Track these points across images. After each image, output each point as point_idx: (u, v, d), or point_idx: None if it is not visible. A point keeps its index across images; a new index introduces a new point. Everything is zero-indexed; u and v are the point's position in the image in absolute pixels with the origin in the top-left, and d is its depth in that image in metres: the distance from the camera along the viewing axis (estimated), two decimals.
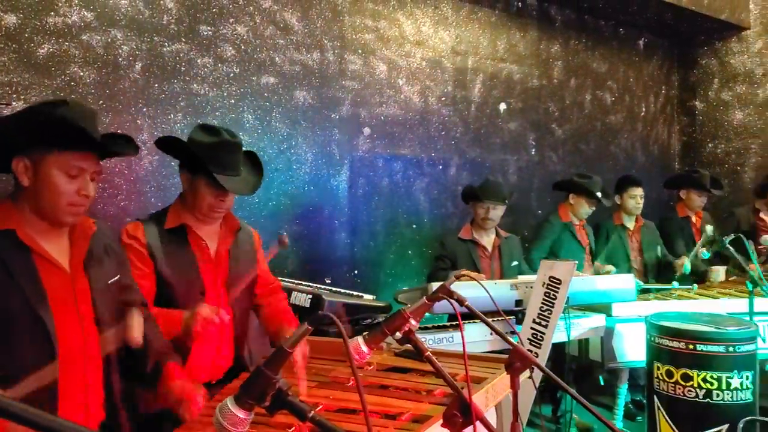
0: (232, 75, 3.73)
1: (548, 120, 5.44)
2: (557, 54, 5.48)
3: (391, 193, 4.48)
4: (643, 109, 6.26)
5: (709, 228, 4.27)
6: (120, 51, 3.29)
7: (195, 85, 3.59)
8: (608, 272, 3.89)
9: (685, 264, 3.97)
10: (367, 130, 4.34)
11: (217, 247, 2.20)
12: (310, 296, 2.66)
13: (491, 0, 5.01)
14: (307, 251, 4.06)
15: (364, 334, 1.49)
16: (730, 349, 2.47)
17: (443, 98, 4.74)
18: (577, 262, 2.68)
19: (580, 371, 3.83)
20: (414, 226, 4.60)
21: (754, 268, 3.02)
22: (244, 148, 2.20)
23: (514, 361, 1.67)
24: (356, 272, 4.28)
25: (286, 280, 3.53)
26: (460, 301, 1.77)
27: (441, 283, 2.74)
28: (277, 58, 3.90)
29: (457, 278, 1.77)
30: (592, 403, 4.19)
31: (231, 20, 3.70)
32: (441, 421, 1.36)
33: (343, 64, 4.19)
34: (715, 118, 6.36)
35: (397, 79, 4.48)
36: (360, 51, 4.26)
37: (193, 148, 2.03)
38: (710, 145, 6.39)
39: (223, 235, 2.24)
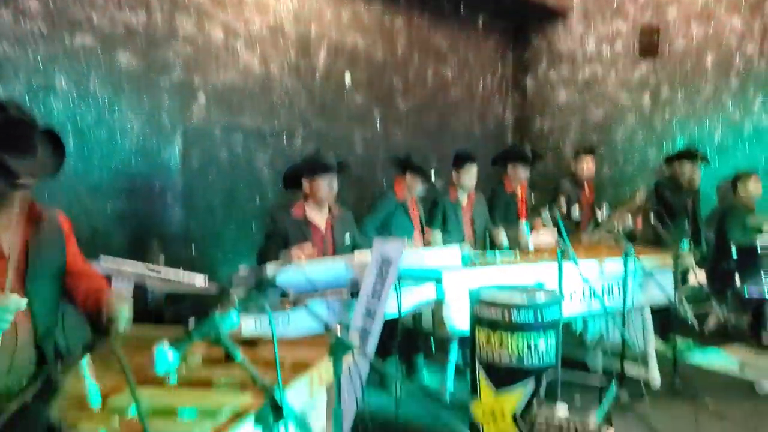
0: (38, 33, 3.28)
1: (392, 94, 5.53)
2: (401, 28, 5.55)
3: (231, 165, 4.29)
4: (481, 86, 6.61)
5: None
6: None
7: None
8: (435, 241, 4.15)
9: (502, 232, 4.33)
10: (202, 98, 4.09)
11: (11, 239, 1.93)
12: (132, 285, 2.46)
13: None
14: (136, 229, 3.78)
15: (171, 338, 1.39)
16: (538, 317, 2.74)
17: (286, 67, 4.60)
18: (406, 239, 2.77)
19: (414, 340, 4.04)
20: (257, 199, 4.46)
21: (562, 242, 3.35)
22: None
23: (330, 349, 1.68)
24: (192, 249, 4.07)
25: (110, 259, 3.25)
26: (285, 294, 1.74)
27: (275, 264, 2.70)
28: (94, 16, 3.50)
29: (283, 264, 1.73)
30: (428, 361, 4.47)
31: None
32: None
33: (174, 27, 3.87)
34: (543, 95, 6.91)
35: (234, 45, 4.25)
36: (193, 13, 3.96)
37: None
38: (538, 121, 6.96)
39: (21, 225, 1.98)
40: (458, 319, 3.33)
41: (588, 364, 4.40)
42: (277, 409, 1.30)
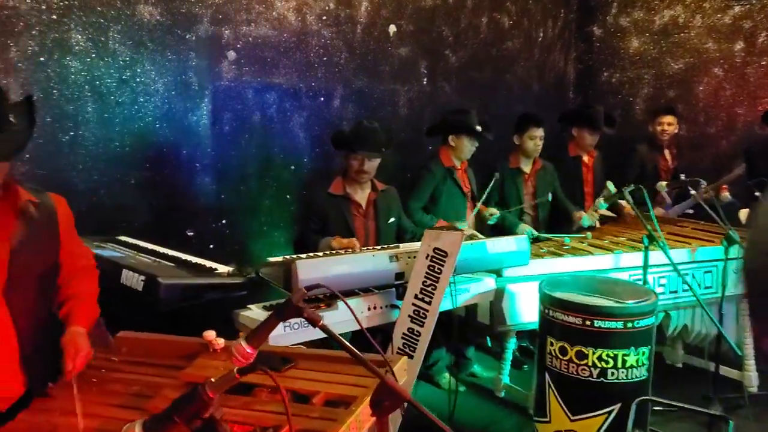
0: None
1: (441, 45, 4.95)
2: None
3: (264, 129, 3.89)
4: (541, 35, 5.92)
5: (610, 185, 4.03)
6: None
7: None
8: (492, 215, 3.65)
9: (584, 218, 3.79)
10: (232, 54, 3.67)
11: None
12: (143, 278, 2.10)
13: None
14: (163, 201, 3.45)
15: (145, 421, 0.99)
16: (629, 324, 2.23)
17: (324, 17, 4.10)
18: (465, 233, 2.31)
19: (465, 331, 3.61)
20: (293, 167, 4.06)
21: (653, 225, 2.83)
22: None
23: (382, 399, 1.27)
24: (224, 222, 3.73)
25: (129, 242, 2.94)
26: (314, 321, 1.34)
27: (308, 265, 2.29)
28: None
29: (309, 289, 1.32)
30: (480, 352, 4.05)
31: None
32: None
33: None
34: (611, 45, 6.16)
35: None
36: None
37: None
38: (605, 74, 6.23)
39: (1, 216, 1.63)
40: (521, 312, 2.88)
41: (665, 358, 3.88)
42: None
